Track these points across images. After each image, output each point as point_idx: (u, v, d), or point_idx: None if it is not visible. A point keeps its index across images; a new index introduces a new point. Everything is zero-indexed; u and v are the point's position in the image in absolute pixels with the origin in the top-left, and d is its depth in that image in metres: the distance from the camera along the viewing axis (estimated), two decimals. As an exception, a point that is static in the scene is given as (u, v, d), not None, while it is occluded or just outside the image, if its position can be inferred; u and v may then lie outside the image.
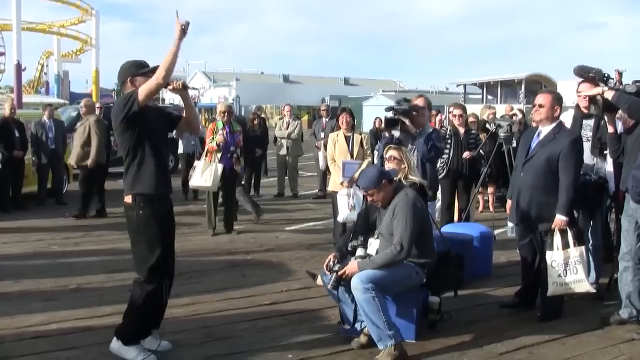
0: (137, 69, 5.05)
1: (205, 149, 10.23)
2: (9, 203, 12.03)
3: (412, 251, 5.25)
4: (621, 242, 6.00)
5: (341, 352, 5.33)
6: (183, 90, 5.24)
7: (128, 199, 5.03)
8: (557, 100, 6.00)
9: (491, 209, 12.30)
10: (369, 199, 5.54)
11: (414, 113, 6.85)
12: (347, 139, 8.82)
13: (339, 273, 5.24)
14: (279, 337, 5.67)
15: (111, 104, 23.98)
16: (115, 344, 5.08)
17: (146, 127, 4.97)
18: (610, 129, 6.14)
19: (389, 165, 5.94)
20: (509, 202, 6.54)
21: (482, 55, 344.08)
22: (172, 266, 5.32)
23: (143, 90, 4.80)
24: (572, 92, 6.91)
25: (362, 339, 5.37)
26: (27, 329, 5.76)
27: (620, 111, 6.13)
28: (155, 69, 4.94)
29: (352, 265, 5.21)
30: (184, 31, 4.76)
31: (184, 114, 5.48)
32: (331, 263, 5.37)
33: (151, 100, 5.16)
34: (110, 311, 6.25)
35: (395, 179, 5.65)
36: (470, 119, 10.60)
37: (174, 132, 13.62)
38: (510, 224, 7.41)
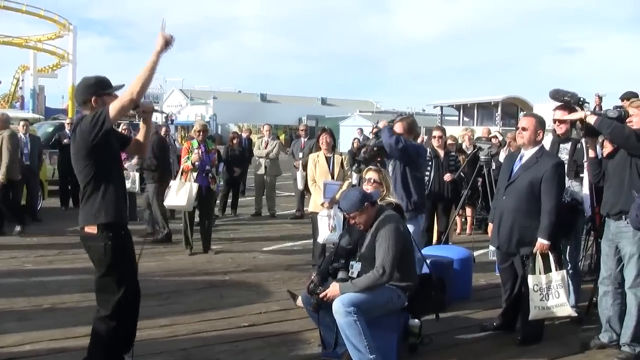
0: (103, 87, 4.73)
1: (181, 168, 10.13)
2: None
3: (394, 274, 5.20)
4: (601, 267, 6.01)
5: (322, 376, 5.26)
6: (150, 113, 5.05)
7: (91, 229, 4.71)
8: (541, 124, 6.03)
9: (468, 231, 12.32)
10: (351, 221, 5.48)
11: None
12: (327, 159, 8.77)
13: (321, 296, 5.18)
14: (258, 359, 5.58)
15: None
16: None
17: (111, 150, 4.73)
18: (591, 154, 6.15)
19: (367, 187, 5.90)
20: (490, 225, 6.53)
21: (459, 77, 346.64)
22: (137, 289, 5.11)
23: (115, 107, 4.42)
24: (548, 116, 6.95)
25: (343, 363, 5.30)
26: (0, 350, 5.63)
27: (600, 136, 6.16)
28: (120, 87, 4.76)
29: (334, 288, 5.15)
30: (167, 44, 4.45)
31: (138, 136, 5.17)
32: (312, 285, 5.30)
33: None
34: (85, 332, 6.07)
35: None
36: (449, 142, 10.61)
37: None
38: (491, 247, 7.41)
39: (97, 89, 4.71)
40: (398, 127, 6.92)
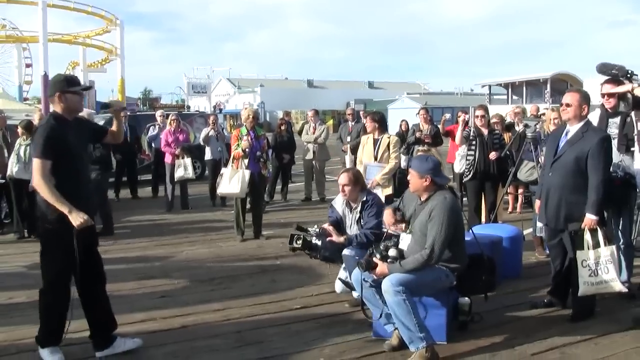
0: (68, 85, 5.13)
1: (232, 156, 10.28)
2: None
3: (444, 255, 5.25)
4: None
5: (373, 355, 5.35)
6: (119, 113, 5.51)
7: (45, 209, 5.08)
8: (585, 98, 5.95)
9: (518, 210, 12.26)
10: (408, 176, 5.54)
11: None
12: (375, 141, 8.82)
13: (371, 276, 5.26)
14: (311, 341, 5.69)
15: (137, 112, 24.24)
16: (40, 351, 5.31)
17: (62, 150, 5.02)
18: None
19: None
20: (537, 202, 6.50)
21: (507, 56, 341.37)
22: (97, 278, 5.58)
23: (36, 182, 4.92)
24: (599, 91, 6.86)
25: (394, 341, 5.38)
26: (60, 337, 5.82)
27: None
28: (87, 88, 5.38)
29: (383, 268, 5.21)
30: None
31: (112, 128, 5.65)
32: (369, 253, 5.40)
33: (75, 112, 5.23)
34: (142, 318, 6.32)
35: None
36: (494, 120, 10.52)
37: (200, 139, 13.76)
38: (539, 224, 7.37)
39: (62, 86, 5.12)
40: (343, 179, 6.80)
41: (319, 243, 6.52)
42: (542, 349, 5.43)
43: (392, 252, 5.39)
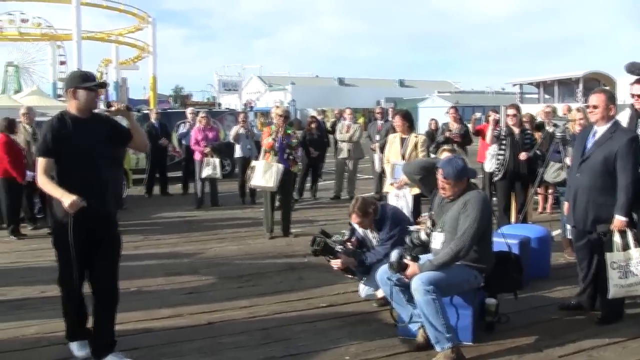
0: (82, 81, 5.04)
1: (262, 150, 10.32)
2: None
3: (472, 255, 5.25)
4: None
5: (398, 354, 5.35)
6: (126, 111, 5.33)
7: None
8: (611, 99, 5.89)
9: (548, 210, 12.17)
10: (441, 184, 5.44)
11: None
12: (402, 140, 8.81)
13: (400, 276, 5.27)
14: (337, 339, 5.70)
15: (168, 110, 24.42)
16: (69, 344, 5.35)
17: (64, 149, 4.97)
18: (669, 127, 6.00)
19: None
20: (566, 204, 6.45)
21: (540, 53, 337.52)
22: (99, 280, 5.17)
23: (38, 179, 4.98)
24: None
25: (419, 340, 5.38)
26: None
27: None
28: (101, 84, 5.26)
29: (414, 268, 5.20)
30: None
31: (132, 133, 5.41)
32: (403, 249, 5.40)
33: (88, 109, 5.08)
34: (169, 313, 6.38)
35: None
36: (523, 120, 10.44)
37: (230, 137, 13.81)
38: (568, 226, 7.31)
39: (76, 83, 5.07)
40: (354, 219, 6.71)
41: (340, 251, 6.58)
42: (569, 351, 5.39)
43: (422, 235, 5.50)
